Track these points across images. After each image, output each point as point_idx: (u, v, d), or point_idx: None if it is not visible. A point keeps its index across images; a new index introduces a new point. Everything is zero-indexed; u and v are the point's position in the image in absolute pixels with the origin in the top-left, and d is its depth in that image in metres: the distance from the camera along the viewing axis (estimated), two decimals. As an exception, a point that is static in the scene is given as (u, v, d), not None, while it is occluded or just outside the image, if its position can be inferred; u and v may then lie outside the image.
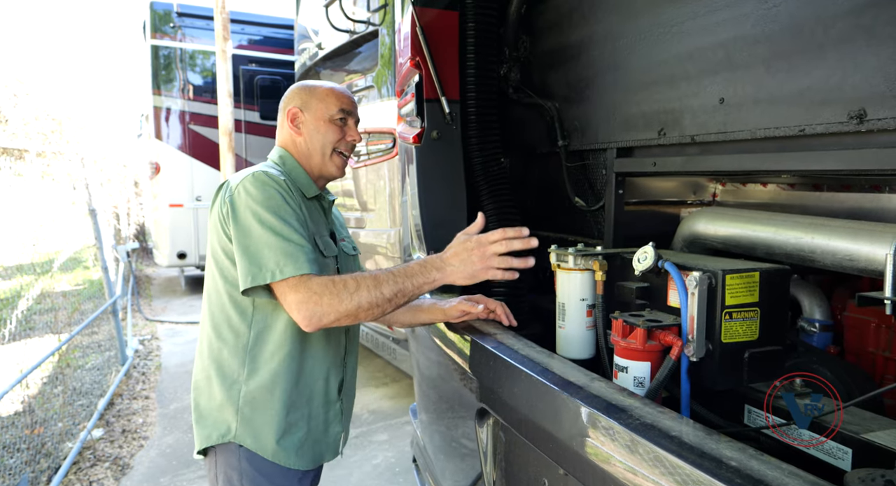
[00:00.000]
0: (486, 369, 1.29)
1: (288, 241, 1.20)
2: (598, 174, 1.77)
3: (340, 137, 1.41)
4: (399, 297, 1.20)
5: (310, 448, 1.35)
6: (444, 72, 1.82)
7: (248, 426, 1.28)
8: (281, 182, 1.27)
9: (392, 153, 3.93)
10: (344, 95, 1.44)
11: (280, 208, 1.23)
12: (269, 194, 1.23)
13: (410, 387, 4.45)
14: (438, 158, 1.85)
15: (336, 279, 1.19)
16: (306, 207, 1.35)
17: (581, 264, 1.39)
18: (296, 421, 1.32)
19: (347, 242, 1.54)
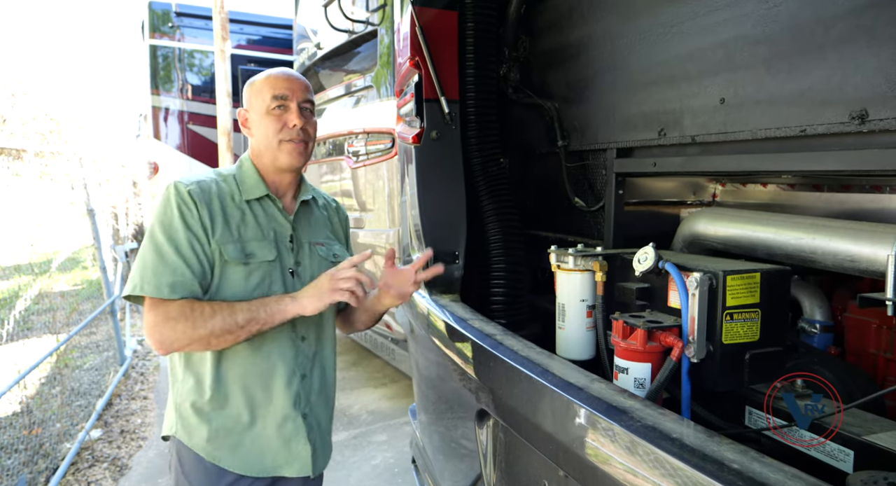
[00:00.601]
0: (486, 370, 1.29)
1: (162, 260, 1.22)
2: (598, 175, 1.76)
3: (281, 126, 1.33)
4: (252, 324, 1.23)
5: (254, 456, 1.33)
6: (444, 72, 1.82)
7: (184, 423, 1.32)
8: (188, 194, 1.26)
9: (391, 153, 3.93)
10: (278, 79, 1.35)
11: (170, 226, 1.24)
12: (166, 209, 1.26)
13: (409, 387, 4.44)
14: (438, 158, 1.85)
15: (195, 305, 1.21)
16: (243, 207, 1.33)
17: (581, 265, 1.39)
18: (229, 426, 1.31)
19: (327, 248, 1.46)
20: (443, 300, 1.73)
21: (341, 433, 3.69)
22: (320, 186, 5.26)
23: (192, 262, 1.24)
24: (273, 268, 1.33)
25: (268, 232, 1.35)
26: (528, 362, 1.16)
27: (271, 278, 1.32)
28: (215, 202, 1.30)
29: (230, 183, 1.35)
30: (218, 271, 1.28)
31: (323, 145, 5.10)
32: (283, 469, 1.35)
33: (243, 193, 1.35)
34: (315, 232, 1.46)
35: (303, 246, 1.41)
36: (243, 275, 1.28)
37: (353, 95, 4.53)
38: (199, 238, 1.25)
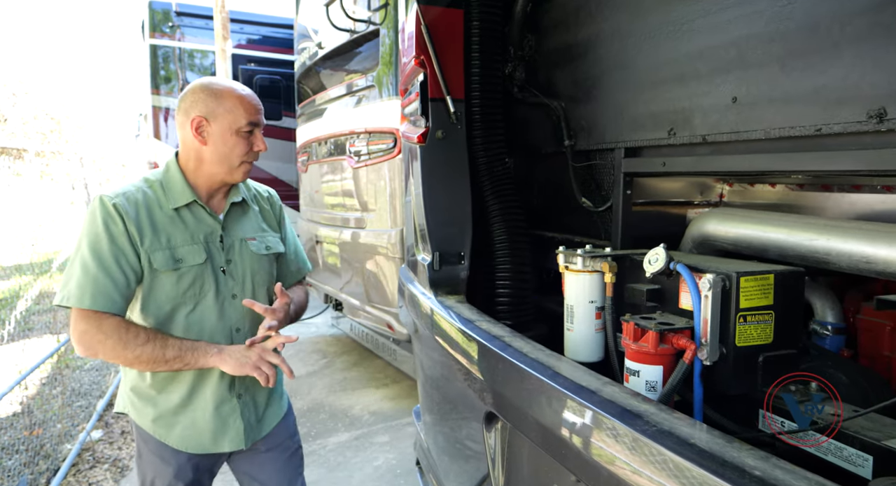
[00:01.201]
0: (494, 372, 1.27)
1: (86, 274, 1.30)
2: (606, 174, 1.74)
3: (248, 149, 1.45)
4: (177, 361, 1.35)
5: (194, 435, 1.48)
6: (449, 71, 1.80)
7: (133, 405, 1.49)
8: (113, 208, 1.33)
9: (393, 153, 3.91)
10: (251, 104, 1.45)
11: (95, 240, 1.32)
12: (92, 223, 1.33)
13: (411, 388, 4.43)
14: (443, 157, 1.83)
15: (130, 327, 1.32)
16: (171, 215, 1.42)
17: (590, 266, 1.37)
18: (171, 408, 1.46)
19: (259, 241, 1.56)
20: (448, 301, 1.71)
21: (343, 433, 3.67)
22: (321, 186, 5.25)
23: (115, 275, 1.31)
24: (204, 270, 1.43)
25: (197, 235, 1.44)
26: (538, 364, 1.14)
27: (203, 279, 1.42)
28: (142, 212, 1.37)
29: (157, 190, 1.43)
30: (149, 278, 1.37)
31: (324, 145, 5.08)
32: (220, 445, 1.51)
33: (170, 201, 1.42)
34: (246, 228, 1.55)
35: (233, 244, 1.50)
36: (174, 280, 1.39)
37: (354, 94, 4.51)
38: (124, 251, 1.33)
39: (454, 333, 1.52)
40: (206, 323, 1.44)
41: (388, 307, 4.05)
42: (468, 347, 1.42)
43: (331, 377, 4.75)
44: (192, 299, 1.43)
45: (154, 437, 1.48)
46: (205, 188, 1.48)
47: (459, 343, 1.48)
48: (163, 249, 1.37)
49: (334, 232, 4.78)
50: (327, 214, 5.05)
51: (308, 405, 4.12)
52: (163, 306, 1.41)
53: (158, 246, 1.37)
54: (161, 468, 1.49)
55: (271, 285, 1.60)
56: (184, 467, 1.50)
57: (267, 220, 1.64)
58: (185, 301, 1.42)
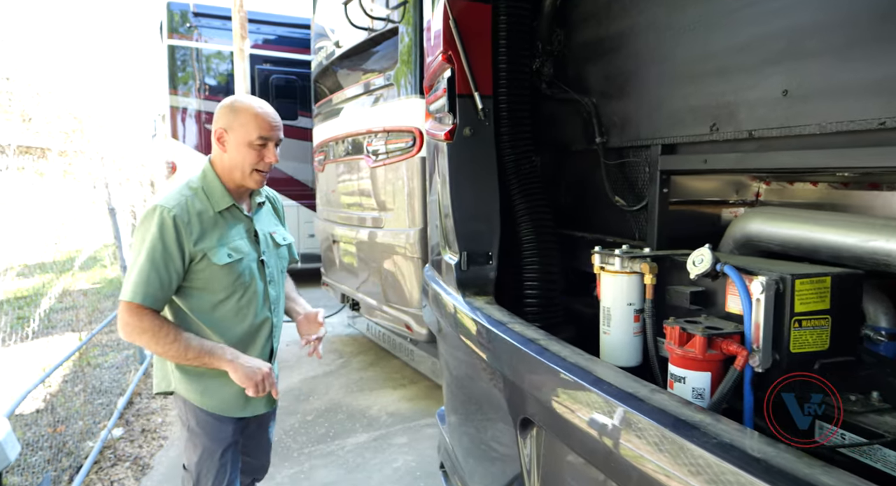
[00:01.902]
0: (531, 377, 1.23)
1: (144, 271, 1.53)
2: (640, 172, 1.69)
3: (259, 160, 1.66)
4: (195, 360, 1.59)
5: (236, 402, 1.72)
6: (477, 66, 1.76)
7: (179, 381, 1.69)
8: (169, 217, 1.55)
9: (412, 152, 3.88)
10: (265, 121, 1.65)
11: (152, 248, 1.54)
12: (149, 231, 1.55)
13: (429, 389, 4.39)
14: (471, 155, 1.79)
15: (163, 326, 1.55)
16: (217, 217, 1.65)
17: (628, 267, 1.32)
18: (218, 383, 1.67)
19: (279, 234, 1.86)
20: (477, 302, 1.67)
21: (361, 434, 3.64)
22: (338, 186, 5.23)
23: (163, 278, 1.55)
24: (249, 261, 1.69)
25: (240, 232, 1.70)
26: (578, 369, 1.10)
27: (249, 270, 1.68)
28: (195, 218, 1.60)
29: (201, 196, 1.65)
30: (206, 273, 1.60)
31: (341, 144, 5.06)
32: (258, 408, 1.79)
33: (213, 205, 1.66)
34: (268, 224, 1.84)
35: (263, 238, 1.77)
36: (228, 272, 1.63)
37: (372, 93, 4.48)
38: (173, 257, 1.55)
39: (485, 335, 1.47)
40: (252, 306, 1.70)
41: (407, 307, 4.01)
42: (501, 350, 1.38)
43: (347, 377, 4.73)
44: (242, 287, 1.67)
45: (203, 408, 1.69)
46: (234, 191, 1.71)
47: (491, 346, 1.44)
48: (218, 246, 1.61)
49: (351, 232, 4.76)
50: (344, 213, 5.03)
51: (326, 405, 4.11)
52: (217, 294, 1.65)
53: (214, 245, 1.61)
54: (213, 435, 1.71)
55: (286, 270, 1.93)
56: (231, 431, 1.74)
57: (279, 216, 1.94)
58: (237, 289, 1.66)
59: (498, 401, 1.49)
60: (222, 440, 1.72)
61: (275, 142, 1.67)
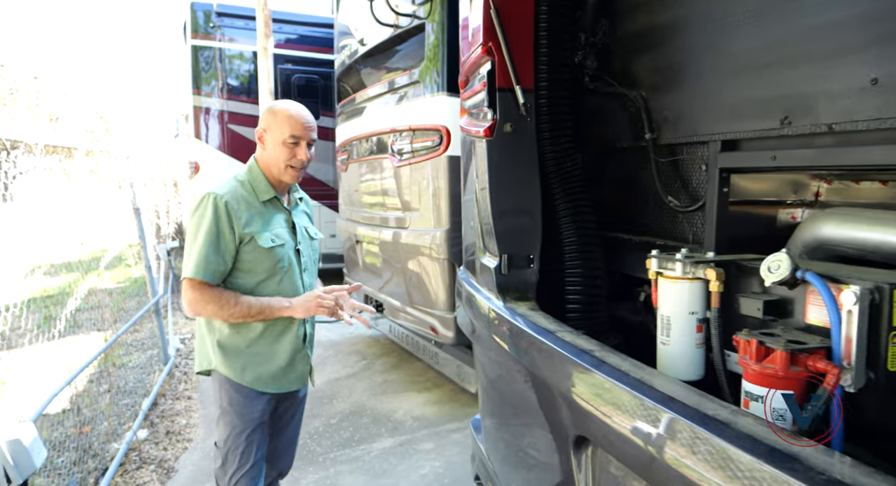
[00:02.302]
0: (587, 392, 1.13)
1: (203, 251, 1.71)
2: (694, 170, 1.58)
3: (292, 157, 1.82)
4: (259, 315, 1.78)
5: (274, 379, 1.88)
6: (519, 58, 1.67)
7: (220, 360, 1.84)
8: (222, 202, 1.73)
9: (438, 151, 3.79)
10: (298, 122, 1.81)
11: (209, 230, 1.71)
12: (207, 213, 1.73)
13: (454, 393, 4.31)
14: (511, 152, 1.70)
15: (224, 294, 1.74)
16: (261, 207, 1.84)
17: (691, 273, 1.22)
18: (257, 359, 1.85)
19: (311, 229, 2.04)
20: (520, 308, 1.58)
21: (386, 439, 3.57)
22: (361, 185, 5.17)
23: (219, 256, 1.73)
24: (289, 249, 1.87)
25: (280, 222, 1.87)
26: (643, 385, 1.00)
27: (288, 256, 1.86)
28: (243, 205, 1.78)
29: (247, 188, 1.84)
30: (253, 255, 1.77)
31: (365, 144, 5.00)
32: (292, 384, 1.95)
33: (258, 195, 1.84)
34: (303, 218, 2.02)
35: (300, 230, 1.94)
36: (271, 255, 1.80)
37: (397, 91, 4.41)
38: (226, 238, 1.73)
39: (530, 344, 1.38)
40: (289, 290, 1.87)
41: (432, 310, 3.94)
42: (549, 361, 1.29)
43: (371, 380, 4.66)
44: (281, 271, 1.84)
45: (242, 384, 1.83)
46: (275, 186, 1.88)
47: (537, 356, 1.35)
48: (263, 231, 1.79)
49: (375, 232, 4.70)
50: (368, 213, 4.97)
51: (350, 408, 4.05)
52: (260, 275, 1.81)
53: (261, 230, 1.79)
54: (243, 413, 1.84)
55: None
56: (260, 410, 1.87)
57: (308, 214, 2.10)
58: (276, 273, 1.83)
59: (546, 414, 1.40)
60: (251, 419, 1.85)
61: (307, 141, 1.83)
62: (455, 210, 3.73)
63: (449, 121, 3.72)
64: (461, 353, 4.17)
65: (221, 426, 1.88)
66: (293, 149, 1.81)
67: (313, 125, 1.85)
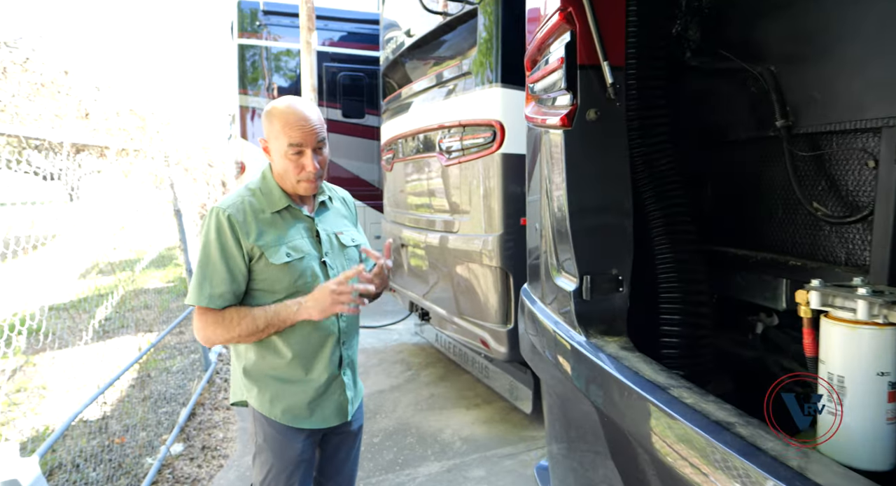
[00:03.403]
0: (722, 476, 0.78)
1: (203, 274, 1.50)
2: (852, 167, 1.19)
3: (299, 170, 1.56)
4: (270, 327, 1.52)
5: (305, 408, 1.62)
6: (606, 27, 1.31)
7: (248, 390, 1.61)
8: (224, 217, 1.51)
9: (491, 148, 3.46)
10: (293, 127, 1.52)
11: (211, 246, 1.50)
12: (209, 231, 1.52)
13: (505, 411, 3.97)
14: (596, 145, 1.35)
15: (226, 314, 1.50)
16: (275, 216, 1.58)
17: (882, 316, 0.84)
18: (286, 389, 1.60)
19: (346, 235, 1.73)
20: (609, 347, 1.23)
21: (433, 463, 3.27)
22: (407, 186, 4.89)
23: (222, 276, 1.49)
24: (310, 262, 1.59)
25: (299, 232, 1.61)
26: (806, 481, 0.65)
27: (310, 270, 1.58)
28: (250, 218, 1.54)
29: (259, 197, 1.59)
30: (265, 273, 1.53)
31: (411, 141, 4.72)
32: (329, 419, 1.67)
33: (270, 206, 1.59)
34: (334, 223, 1.72)
35: (327, 238, 1.67)
36: (287, 272, 1.54)
37: (445, 84, 4.10)
38: (233, 255, 1.51)
39: (630, 402, 1.03)
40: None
41: (483, 322, 3.60)
42: (662, 430, 0.94)
43: (416, 393, 4.38)
44: (304, 288, 1.57)
45: (272, 419, 1.60)
46: (294, 196, 1.63)
47: (641, 421, 1.00)
48: (275, 246, 1.54)
49: (421, 235, 4.40)
50: (413, 215, 4.68)
51: (394, 425, 3.77)
52: (279, 294, 1.56)
53: (271, 244, 1.53)
54: (281, 452, 1.61)
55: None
56: (301, 448, 1.63)
57: (347, 217, 1.82)
58: (298, 290, 1.57)
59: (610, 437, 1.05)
60: (290, 458, 1.63)
61: (312, 147, 1.55)
62: (510, 213, 3.39)
63: (503, 115, 3.38)
64: (515, 369, 3.83)
65: (258, 466, 1.67)
66: (298, 160, 1.55)
67: (316, 124, 1.55)
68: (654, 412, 0.96)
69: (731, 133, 1.45)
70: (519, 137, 3.39)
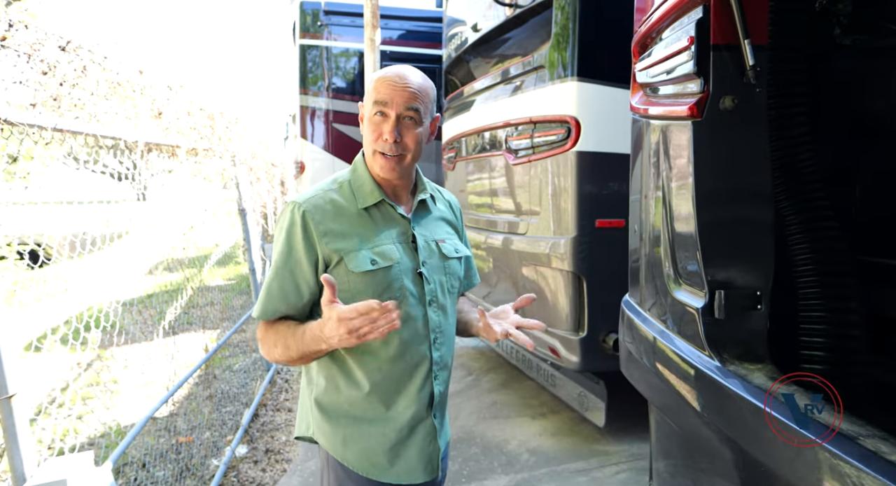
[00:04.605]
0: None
1: (267, 285, 1.27)
2: None
3: (377, 136, 1.25)
4: (305, 357, 1.23)
5: (384, 458, 1.31)
6: (746, 1, 1.12)
7: (318, 425, 1.33)
8: (299, 213, 1.25)
9: (565, 146, 3.27)
10: (384, 82, 1.24)
11: (279, 252, 1.26)
12: (279, 233, 1.27)
13: (574, 422, 3.76)
14: (733, 138, 1.16)
15: (270, 333, 1.25)
16: (363, 215, 1.30)
17: None
18: (362, 429, 1.30)
19: (449, 243, 1.41)
20: (754, 377, 1.03)
21: (500, 477, 3.11)
22: (468, 186, 4.75)
23: (287, 287, 1.25)
24: (401, 272, 1.29)
25: (390, 235, 1.31)
26: None
27: (400, 282, 1.28)
28: (330, 216, 1.27)
29: (345, 191, 1.32)
30: (347, 284, 1.24)
31: (474, 139, 4.57)
32: (416, 475, 1.33)
33: (359, 200, 1.31)
34: (435, 229, 1.41)
35: (426, 245, 1.36)
36: (372, 283, 1.25)
37: (513, 80, 3.92)
38: (300, 263, 1.24)
39: (806, 453, 0.84)
40: (406, 330, 1.29)
41: (553, 329, 3.41)
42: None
43: (478, 400, 4.23)
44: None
45: (345, 465, 1.31)
46: (387, 186, 1.34)
47: (824, 476, 0.80)
48: (357, 250, 1.26)
49: (485, 237, 4.25)
50: (476, 216, 4.53)
51: (457, 434, 3.63)
52: None
53: (353, 248, 1.26)
54: None
55: (459, 291, 1.46)
56: None
57: (451, 223, 1.49)
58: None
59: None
60: None
61: (398, 111, 1.22)
62: (584, 215, 3.19)
63: (579, 110, 3.18)
64: (584, 378, 3.61)
65: None
66: (379, 124, 1.24)
67: (412, 85, 1.24)
68: (836, 466, 0.77)
69: (894, 123, 1.22)
70: (596, 133, 3.19)
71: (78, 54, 1.80)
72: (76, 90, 1.89)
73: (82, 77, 1.71)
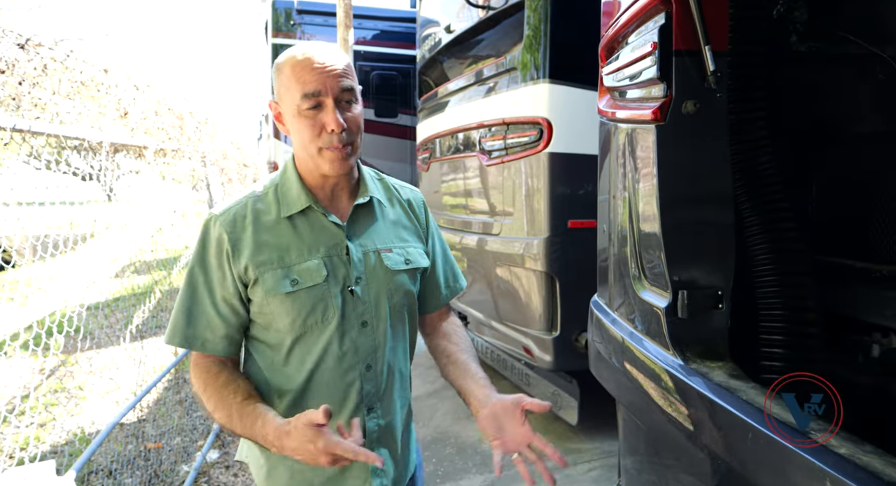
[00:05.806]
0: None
1: (178, 306, 1.13)
2: None
3: (318, 131, 1.07)
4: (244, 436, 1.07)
5: None
6: (709, 8, 1.15)
7: (249, 451, 1.20)
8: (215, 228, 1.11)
9: (538, 147, 3.30)
10: (305, 70, 1.05)
11: (193, 271, 1.13)
12: (195, 249, 1.14)
13: (548, 421, 3.80)
14: (694, 142, 1.19)
15: (208, 386, 1.09)
16: (286, 225, 1.13)
17: None
18: (288, 465, 1.13)
19: (397, 253, 1.21)
20: (715, 375, 1.07)
21: (475, 477, 3.13)
22: (443, 187, 4.76)
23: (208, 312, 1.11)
24: (325, 290, 1.11)
25: (315, 248, 1.13)
26: None
27: (325, 303, 1.11)
28: (248, 228, 1.12)
29: (269, 200, 1.16)
30: (264, 305, 1.10)
31: (448, 140, 4.59)
32: None
33: (283, 208, 1.14)
34: (379, 236, 1.21)
35: (363, 257, 1.16)
36: (291, 305, 1.10)
37: (486, 81, 3.95)
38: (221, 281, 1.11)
39: (758, 446, 0.87)
40: (329, 359, 1.12)
41: (526, 328, 3.45)
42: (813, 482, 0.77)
43: (454, 400, 4.24)
44: (316, 329, 1.12)
45: None
46: (320, 189, 1.16)
47: (783, 470, 0.83)
48: (274, 268, 1.10)
49: (458, 237, 4.27)
50: (452, 217, 4.55)
51: (432, 435, 3.64)
52: (284, 338, 1.12)
53: (269, 266, 1.10)
54: None
55: (413, 308, 1.25)
56: None
57: (408, 227, 1.28)
58: (307, 331, 1.11)
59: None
60: None
61: (333, 95, 1.05)
62: (557, 215, 3.23)
63: (551, 112, 3.22)
64: (558, 377, 3.65)
65: None
66: (315, 117, 1.06)
67: (339, 67, 1.07)
68: (793, 460, 0.80)
69: (846, 127, 1.27)
70: (568, 135, 3.23)
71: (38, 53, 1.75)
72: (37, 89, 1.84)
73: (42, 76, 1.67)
